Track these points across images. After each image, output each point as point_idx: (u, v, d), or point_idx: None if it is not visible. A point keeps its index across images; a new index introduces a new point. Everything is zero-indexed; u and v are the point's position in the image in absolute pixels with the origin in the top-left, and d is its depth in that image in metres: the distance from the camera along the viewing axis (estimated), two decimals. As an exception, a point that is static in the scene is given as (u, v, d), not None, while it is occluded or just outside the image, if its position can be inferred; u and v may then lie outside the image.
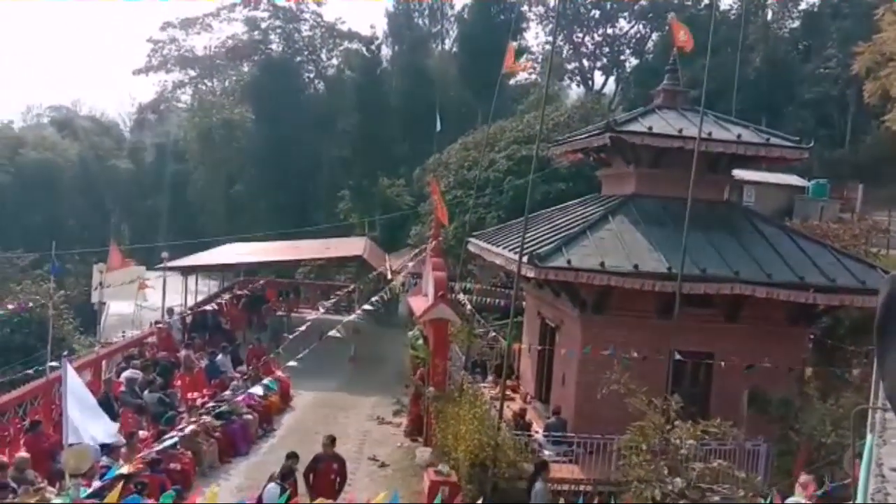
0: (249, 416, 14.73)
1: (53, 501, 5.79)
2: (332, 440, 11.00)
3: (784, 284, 12.25)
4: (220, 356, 17.80)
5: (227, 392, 14.87)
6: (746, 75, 35.02)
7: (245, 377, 16.04)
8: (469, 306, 17.24)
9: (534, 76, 47.58)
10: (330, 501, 9.33)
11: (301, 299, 29.22)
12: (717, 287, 12.15)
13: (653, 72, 36.38)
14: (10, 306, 17.18)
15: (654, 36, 47.63)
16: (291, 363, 12.62)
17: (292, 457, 10.38)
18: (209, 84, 61.44)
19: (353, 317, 15.78)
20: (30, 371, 13.62)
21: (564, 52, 51.09)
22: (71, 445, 5.69)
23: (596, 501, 9.78)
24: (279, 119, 46.43)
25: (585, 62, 52.34)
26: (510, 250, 13.49)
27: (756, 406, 12.19)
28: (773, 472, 11.34)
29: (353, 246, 27.96)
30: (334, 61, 55.42)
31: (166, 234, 40.30)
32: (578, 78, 53.21)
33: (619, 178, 15.44)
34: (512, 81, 16.98)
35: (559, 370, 14.34)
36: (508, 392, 14.11)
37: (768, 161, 15.93)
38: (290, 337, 13.88)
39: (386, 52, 51.67)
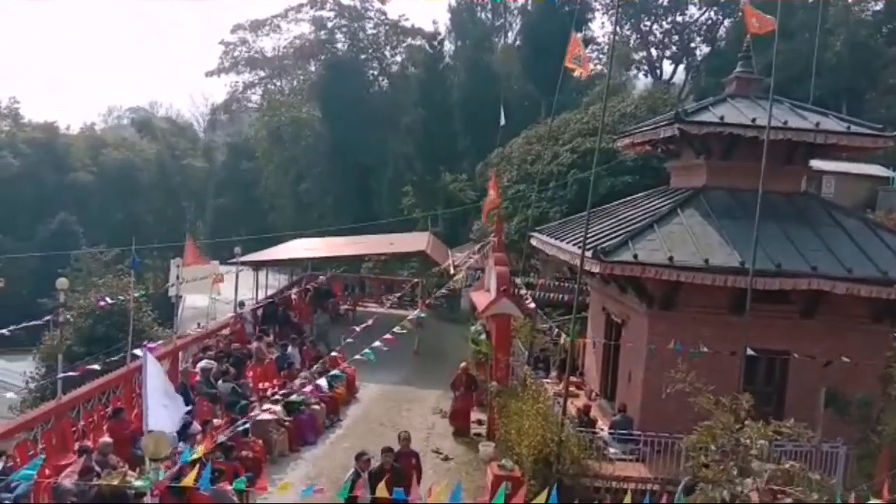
0: (317, 407, 15.10)
1: (135, 483, 6.13)
2: (408, 436, 11.23)
3: (866, 280, 11.65)
4: (289, 348, 18.31)
5: (296, 383, 15.26)
6: (826, 60, 33.27)
7: (312, 368, 16.43)
8: (532, 301, 17.11)
9: (599, 67, 46.73)
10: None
11: (366, 294, 29.69)
12: (792, 282, 11.67)
13: (725, 59, 35.16)
14: (101, 303, 18.01)
15: (727, 22, 45.88)
16: (358, 356, 12.84)
17: (388, 451, 10.48)
18: (278, 84, 63.08)
19: (416, 312, 15.93)
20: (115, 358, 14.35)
21: (631, 41, 49.93)
22: (150, 431, 5.98)
23: (664, 501, 9.56)
24: (344, 117, 47.27)
25: (653, 51, 50.98)
26: (574, 244, 13.32)
27: (834, 406, 11.65)
28: (851, 475, 10.83)
29: (416, 241, 28.19)
30: (398, 58, 56.01)
31: (238, 230, 41.66)
32: (646, 68, 51.88)
33: (689, 170, 15.01)
34: (576, 73, 16.74)
35: (625, 367, 14.09)
36: (572, 388, 13.97)
37: (849, 150, 15.15)
38: (358, 329, 14.10)
39: (449, 47, 51.79)
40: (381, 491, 7.12)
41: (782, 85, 12.24)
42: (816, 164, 17.08)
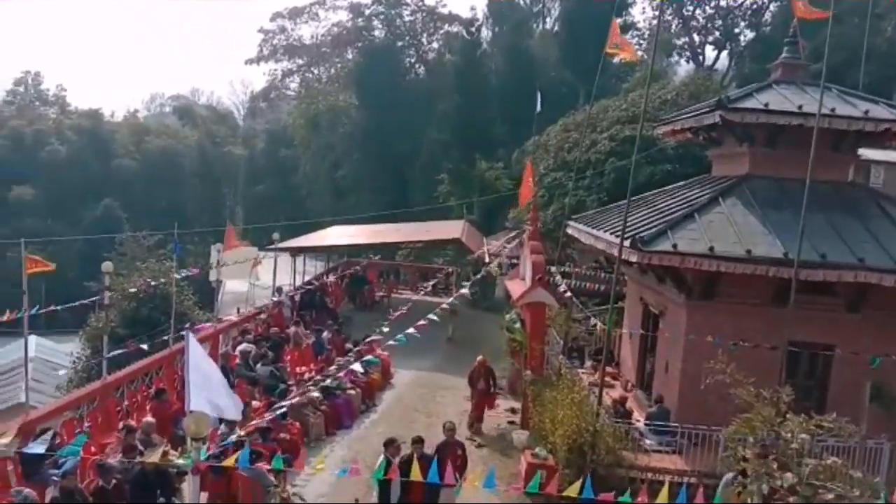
0: (353, 392, 15.30)
1: (177, 462, 6.31)
2: (453, 427, 11.03)
3: (916, 273, 11.25)
4: (325, 333, 18.55)
5: (333, 367, 15.46)
6: (876, 46, 32.00)
7: (345, 354, 16.62)
8: (567, 290, 16.98)
9: (639, 53, 45.85)
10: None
11: (401, 281, 29.87)
12: (837, 274, 11.34)
13: (770, 45, 34.16)
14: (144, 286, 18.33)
15: (773, 6, 44.53)
16: (391, 342, 12.93)
17: (417, 442, 10.36)
18: (315, 72, 63.57)
19: (451, 299, 15.95)
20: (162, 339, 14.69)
21: (673, 27, 48.82)
22: (192, 412, 6.13)
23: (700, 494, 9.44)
24: (381, 104, 47.39)
25: (696, 37, 49.75)
26: (612, 234, 13.16)
27: (879, 402, 11.34)
28: (898, 473, 10.54)
29: (451, 229, 28.21)
30: (435, 45, 55.87)
31: (276, 216, 42.27)
32: (688, 53, 50.65)
33: (732, 159, 14.67)
34: (616, 59, 16.54)
35: (662, 358, 13.92)
36: (608, 379, 13.86)
37: (900, 139, 14.60)
38: (391, 318, 14.22)
39: (486, 33, 51.50)
40: (414, 476, 7.17)
41: (830, 71, 11.79)
42: (865, 153, 16.49)
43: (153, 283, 19.80)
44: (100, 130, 59.23)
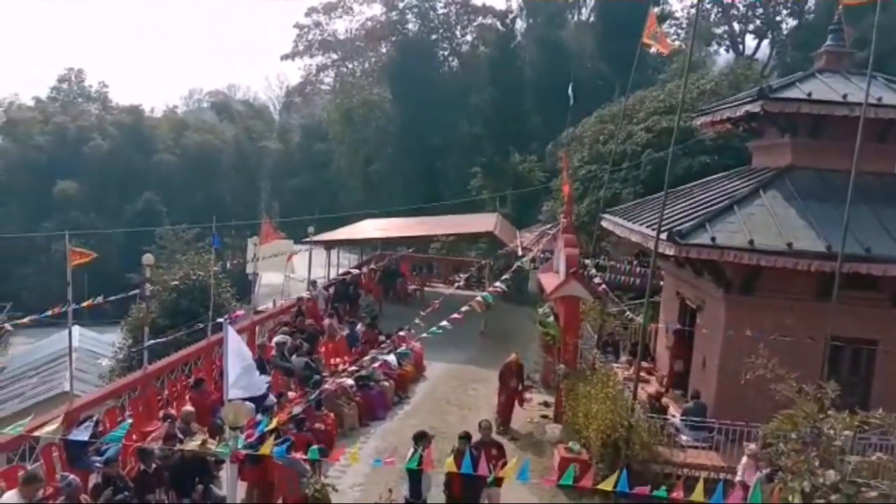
0: (386, 384, 15.40)
1: (215, 450, 6.44)
2: (489, 426, 10.63)
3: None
4: (359, 325, 18.70)
5: (366, 359, 15.57)
6: (927, 32, 30.92)
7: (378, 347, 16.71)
8: (602, 284, 16.81)
9: (677, 43, 45.03)
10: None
11: (433, 274, 29.92)
12: (883, 268, 11.00)
13: (814, 33, 33.25)
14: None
15: (816, -7, 43.32)
16: (424, 334, 12.95)
17: (465, 437, 10.06)
18: (350, 66, 63.92)
19: (484, 293, 15.90)
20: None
21: (712, 15, 47.80)
22: (230, 401, 6.25)
23: (738, 490, 9.29)
24: (415, 98, 47.46)
25: (736, 25, 48.67)
26: (648, 226, 12.98)
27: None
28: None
29: (484, 222, 28.16)
30: (468, 38, 55.68)
31: (311, 210, 42.73)
32: (728, 43, 49.60)
33: (773, 150, 14.32)
34: (653, 49, 16.22)
35: (699, 353, 13.70)
36: (643, 374, 13.70)
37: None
38: (427, 310, 14.23)
39: (520, 25, 51.08)
40: (450, 467, 7.18)
41: (876, 59, 11.39)
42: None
43: (194, 277, 20.19)
44: (140, 126, 60.47)
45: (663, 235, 11.47)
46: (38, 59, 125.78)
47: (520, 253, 23.65)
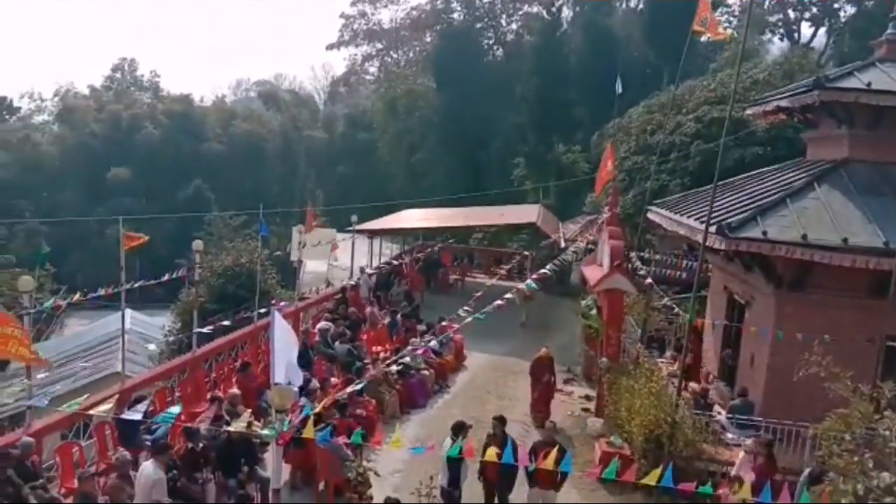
0: (426, 372, 15.50)
1: (262, 433, 6.60)
2: (552, 426, 10.61)
3: None
4: (400, 314, 18.84)
5: (407, 348, 15.68)
6: None
7: (424, 335, 16.81)
8: (647, 277, 16.55)
9: (729, 31, 43.78)
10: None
11: (474, 265, 29.89)
12: (944, 266, 10.54)
13: (873, 21, 31.95)
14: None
15: (877, -21, 41.53)
16: (466, 320, 12.95)
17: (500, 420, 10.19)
18: (394, 56, 64.02)
19: (525, 284, 15.81)
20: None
21: (767, 2, 46.32)
22: (276, 384, 6.37)
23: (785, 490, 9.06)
24: (458, 87, 47.30)
25: (791, 13, 47.05)
26: (696, 219, 12.70)
27: None
28: None
29: (526, 213, 27.97)
30: (514, 26, 55.22)
31: (354, 199, 43.14)
32: (782, 31, 48.00)
33: (828, 142, 13.84)
34: (704, 38, 15.81)
35: (747, 350, 13.39)
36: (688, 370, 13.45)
37: None
38: (471, 301, 14.23)
39: (566, 13, 50.32)
40: (490, 457, 7.19)
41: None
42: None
43: (244, 262, 20.60)
44: (190, 114, 61.71)
45: (712, 228, 11.22)
46: (92, 48, 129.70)
47: (562, 245, 23.44)
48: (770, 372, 11.94)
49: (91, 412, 9.08)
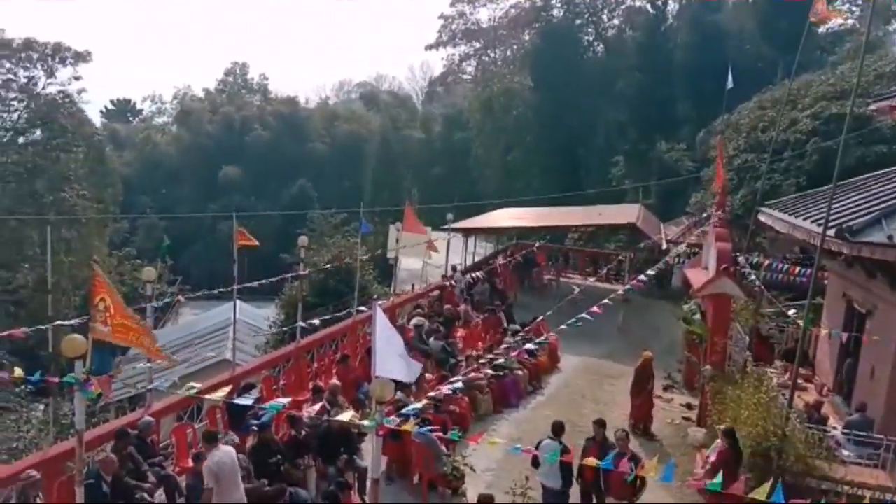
0: (520, 373, 15.42)
1: (363, 424, 6.79)
2: (625, 435, 10.08)
3: None
4: (495, 314, 18.85)
5: (502, 347, 15.67)
6: None
7: (517, 335, 16.73)
8: (757, 282, 15.70)
9: (850, 21, 40.85)
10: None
11: (569, 265, 29.43)
12: None
13: None
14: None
15: None
16: (561, 327, 12.79)
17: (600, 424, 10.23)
18: (492, 55, 63.98)
19: (623, 287, 15.42)
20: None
21: (893, -11, 42.83)
22: (378, 377, 6.53)
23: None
24: (556, 85, 46.73)
25: (922, 0, 43.29)
26: (813, 222, 11.94)
27: None
28: None
29: (625, 213, 27.21)
30: (615, 21, 53.82)
31: (450, 198, 43.58)
32: (911, 20, 44.27)
33: (967, 138, 12.64)
34: (822, 29, 14.81)
35: (867, 362, 12.44)
36: (801, 381, 12.67)
37: None
38: (569, 297, 14.06)
39: (672, 7, 48.57)
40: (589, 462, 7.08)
41: None
42: None
43: (346, 260, 21.31)
44: (296, 116, 64.33)
45: (831, 232, 10.50)
46: (208, 53, 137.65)
47: (664, 247, 22.67)
48: (892, 386, 11.06)
49: (207, 397, 9.63)
